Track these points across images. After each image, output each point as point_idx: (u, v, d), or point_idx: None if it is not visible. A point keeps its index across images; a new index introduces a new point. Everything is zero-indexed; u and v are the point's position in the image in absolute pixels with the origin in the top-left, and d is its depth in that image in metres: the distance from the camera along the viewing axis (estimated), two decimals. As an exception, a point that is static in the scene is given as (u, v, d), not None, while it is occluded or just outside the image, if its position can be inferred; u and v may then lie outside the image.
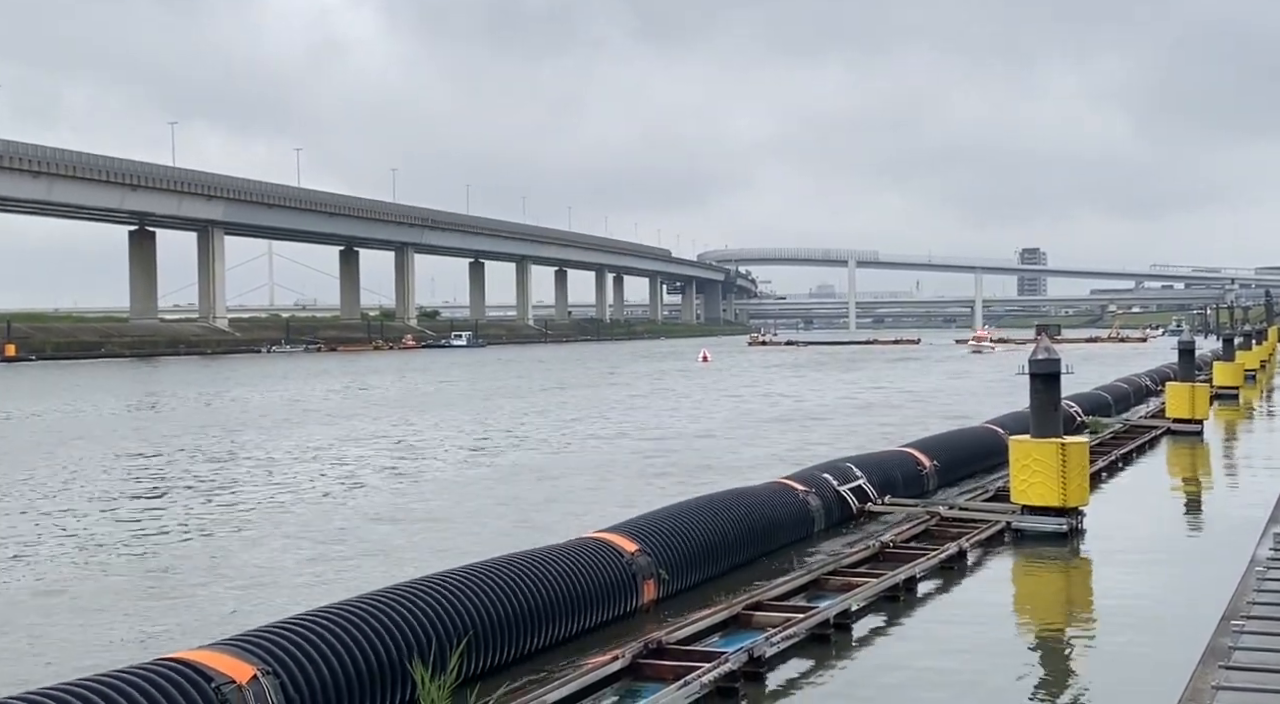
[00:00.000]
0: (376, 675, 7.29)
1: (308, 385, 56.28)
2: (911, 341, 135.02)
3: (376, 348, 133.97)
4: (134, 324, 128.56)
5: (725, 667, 7.87)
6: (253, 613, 10.40)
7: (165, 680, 6.26)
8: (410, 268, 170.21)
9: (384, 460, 23.37)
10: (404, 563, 12.55)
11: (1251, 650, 6.39)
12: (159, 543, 14.61)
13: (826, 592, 10.57)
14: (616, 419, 32.96)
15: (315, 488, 19.42)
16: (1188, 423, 24.09)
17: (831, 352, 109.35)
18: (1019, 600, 11.28)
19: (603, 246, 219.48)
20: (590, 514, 15.13)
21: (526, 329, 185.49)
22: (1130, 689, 7.99)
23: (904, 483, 15.92)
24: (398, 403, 42.21)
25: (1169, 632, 9.26)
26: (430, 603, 7.99)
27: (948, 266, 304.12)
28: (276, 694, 6.63)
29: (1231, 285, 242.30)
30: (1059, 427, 13.67)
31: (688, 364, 78.33)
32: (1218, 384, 33.76)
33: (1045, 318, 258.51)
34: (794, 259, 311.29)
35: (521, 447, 25.73)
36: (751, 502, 12.66)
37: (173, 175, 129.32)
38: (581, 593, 9.25)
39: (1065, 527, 13.12)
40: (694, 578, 10.93)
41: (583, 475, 20.31)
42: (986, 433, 19.85)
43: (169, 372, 75.99)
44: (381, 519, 15.97)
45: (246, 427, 32.23)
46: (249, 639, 7.02)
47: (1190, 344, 27.96)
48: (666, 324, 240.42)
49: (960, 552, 12.02)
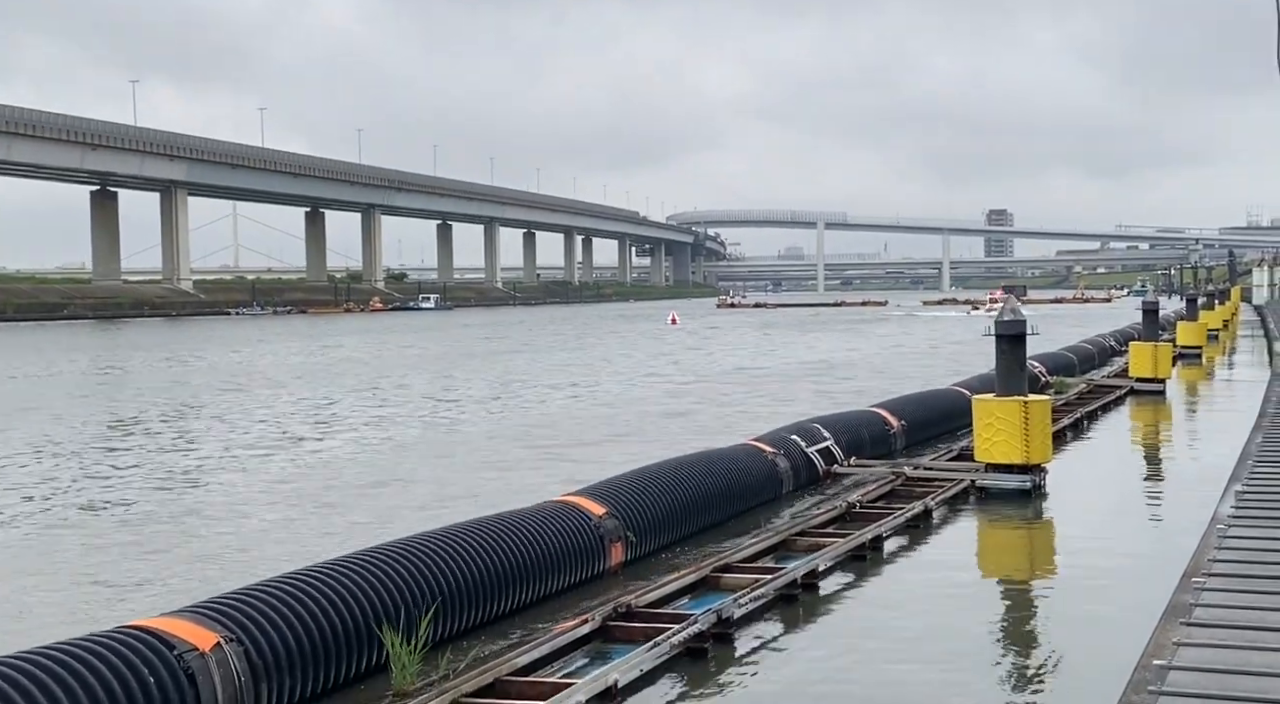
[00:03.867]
0: (343, 641, 7.25)
1: (297, 348, 55.89)
2: (879, 303, 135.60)
3: (347, 310, 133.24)
4: (97, 286, 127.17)
5: (694, 628, 7.89)
6: (220, 580, 10.33)
7: (127, 648, 6.19)
8: (377, 230, 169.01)
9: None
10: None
11: (1212, 607, 6.46)
12: (122, 510, 14.48)
13: (794, 552, 10.60)
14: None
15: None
16: (1151, 382, 24.31)
17: (798, 313, 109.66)
18: (983, 557, 11.38)
19: (571, 208, 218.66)
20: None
21: (495, 292, 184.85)
22: (1092, 645, 8.08)
23: (871, 443, 15.99)
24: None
25: (1131, 588, 9.36)
26: (398, 567, 7.95)
27: (915, 228, 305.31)
28: (240, 661, 6.58)
29: (1196, 246, 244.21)
30: (1024, 386, 13.75)
31: (658, 326, 78.48)
32: (1181, 344, 34.07)
33: (1012, 279, 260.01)
34: (763, 221, 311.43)
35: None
36: (719, 464, 12.67)
37: (135, 135, 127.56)
38: (549, 556, 9.24)
39: (1028, 484, 13.23)
40: (662, 540, 10.94)
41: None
42: (954, 393, 19.95)
43: (144, 335, 75.25)
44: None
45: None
46: (212, 606, 6.96)
47: (1154, 304, 28.23)
48: (635, 286, 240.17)
49: (926, 510, 12.10)
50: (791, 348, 49.89)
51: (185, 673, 6.29)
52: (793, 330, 69.13)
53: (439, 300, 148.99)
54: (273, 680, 6.76)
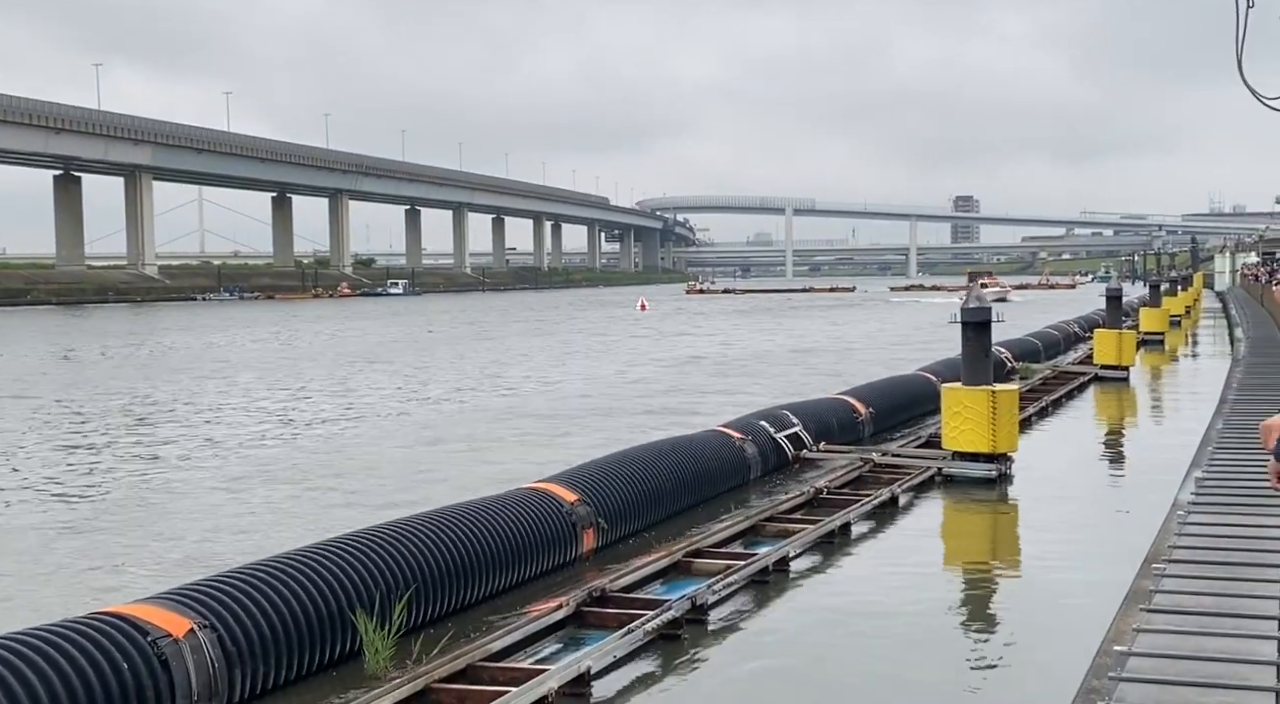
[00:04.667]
0: (316, 627, 7.29)
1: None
2: (847, 289, 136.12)
3: (315, 296, 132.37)
4: (61, 271, 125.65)
5: (669, 614, 7.97)
6: (194, 565, 10.32)
7: (100, 635, 6.21)
8: (345, 215, 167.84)
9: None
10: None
11: (1172, 593, 6.60)
12: (90, 497, 14.42)
13: (764, 537, 10.72)
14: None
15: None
16: (1114, 369, 24.59)
17: (768, 299, 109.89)
18: (948, 543, 11.53)
19: (541, 194, 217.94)
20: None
21: (464, 277, 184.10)
22: (1054, 631, 8.22)
23: (840, 430, 16.12)
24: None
25: (1093, 575, 9.51)
26: (371, 554, 7.99)
27: (883, 214, 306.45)
28: (214, 647, 6.62)
29: (1159, 232, 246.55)
30: (990, 374, 13.90)
31: (628, 311, 78.57)
32: (1144, 330, 34.45)
33: (978, 265, 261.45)
34: (732, 207, 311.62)
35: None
36: (689, 450, 12.77)
37: (99, 118, 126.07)
38: (521, 543, 9.29)
39: (994, 472, 13.38)
40: (633, 526, 11.02)
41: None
42: (921, 380, 20.12)
43: (113, 322, 74.53)
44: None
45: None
46: (185, 592, 6.98)
47: (1117, 291, 28.55)
48: (605, 272, 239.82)
49: (893, 497, 12.23)
50: (768, 333, 50.04)
51: (159, 659, 6.32)
52: (765, 316, 69.31)
53: (408, 286, 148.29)
54: (247, 666, 6.80)
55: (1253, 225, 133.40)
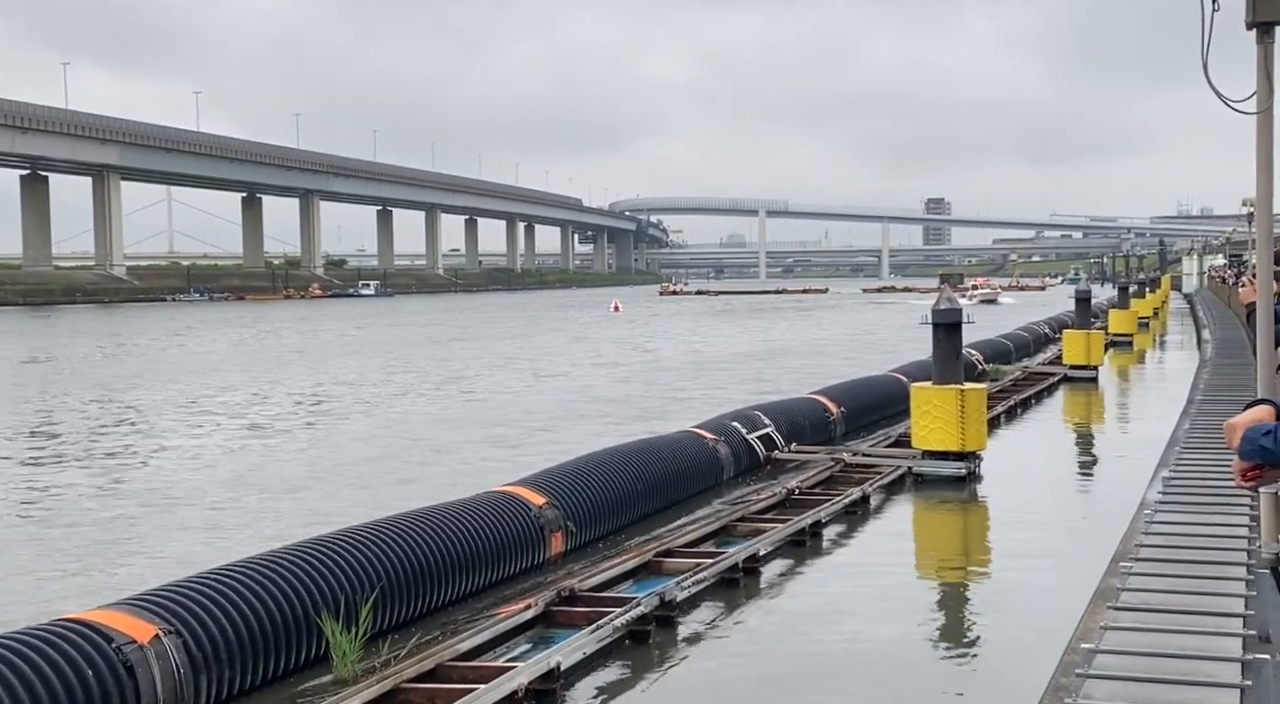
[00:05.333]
0: (282, 631, 7.23)
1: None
2: (819, 291, 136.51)
3: (287, 296, 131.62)
4: (28, 272, 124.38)
5: (637, 610, 7.96)
6: (162, 570, 10.23)
7: (64, 641, 6.14)
8: (315, 215, 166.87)
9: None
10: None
11: (1139, 591, 6.63)
12: (57, 504, 14.27)
13: (735, 538, 10.71)
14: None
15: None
16: (1083, 369, 24.76)
17: (740, 300, 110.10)
18: (919, 542, 11.58)
19: (514, 195, 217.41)
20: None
21: (437, 278, 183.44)
22: (1023, 628, 8.25)
23: (811, 430, 16.15)
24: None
25: (1061, 572, 9.56)
26: (338, 557, 7.93)
27: (855, 216, 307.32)
28: (180, 653, 6.55)
29: (1127, 234, 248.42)
30: (960, 375, 13.97)
31: (602, 313, 78.55)
32: (1113, 331, 34.73)
33: (949, 267, 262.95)
34: (705, 209, 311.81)
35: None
36: (660, 451, 12.75)
37: (66, 118, 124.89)
38: (488, 546, 9.24)
39: (963, 470, 13.45)
40: (602, 529, 10.98)
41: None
42: (892, 380, 20.19)
43: (89, 323, 73.84)
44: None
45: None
46: (149, 598, 6.91)
47: (1086, 292, 28.79)
48: (578, 273, 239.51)
49: (864, 496, 12.26)
50: (741, 334, 50.11)
51: (124, 665, 6.25)
52: (739, 317, 69.41)
53: (379, 287, 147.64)
54: (213, 671, 6.73)
55: (1220, 228, 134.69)
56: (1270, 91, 6.07)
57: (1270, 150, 6.23)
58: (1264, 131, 6.20)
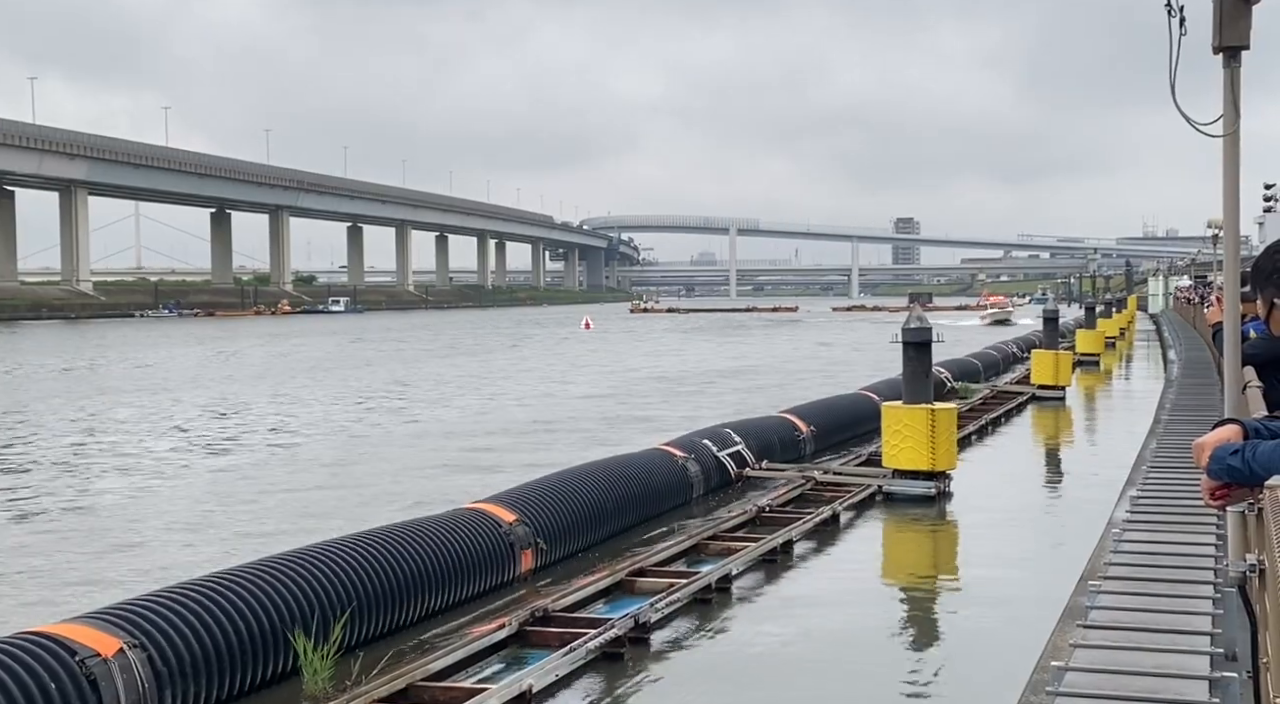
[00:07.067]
0: (249, 647, 7.16)
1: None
2: (790, 309, 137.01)
3: (257, 312, 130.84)
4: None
5: (611, 633, 7.92)
6: (127, 584, 10.11)
7: (27, 654, 6.06)
8: (285, 231, 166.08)
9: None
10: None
11: (1107, 610, 6.67)
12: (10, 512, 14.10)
13: (707, 556, 10.71)
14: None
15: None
16: (1051, 389, 24.93)
17: (710, 318, 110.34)
18: (888, 560, 11.60)
19: (485, 212, 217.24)
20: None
21: (407, 295, 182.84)
22: (992, 647, 8.29)
23: (782, 448, 16.17)
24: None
25: (1030, 591, 9.61)
26: (307, 573, 7.87)
27: (826, 235, 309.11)
28: (144, 667, 6.47)
29: (1094, 255, 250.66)
30: (929, 393, 14.03)
31: (572, 330, 78.57)
32: (1080, 351, 34.99)
33: (918, 286, 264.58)
34: (676, 226, 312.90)
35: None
36: (631, 469, 12.74)
37: (33, 132, 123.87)
38: (457, 563, 9.19)
39: (933, 489, 13.50)
40: (574, 546, 10.95)
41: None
42: (862, 399, 20.25)
43: (62, 340, 73.06)
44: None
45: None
46: (114, 612, 6.84)
47: (1054, 312, 29.00)
48: (549, 291, 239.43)
49: (834, 515, 12.29)
50: (711, 351, 50.17)
51: (87, 679, 6.17)
52: (709, 334, 69.53)
53: (349, 304, 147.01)
54: (178, 686, 6.66)
55: (1185, 249, 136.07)
56: (1237, 115, 6.16)
57: (1237, 172, 6.32)
58: (1231, 154, 6.29)
